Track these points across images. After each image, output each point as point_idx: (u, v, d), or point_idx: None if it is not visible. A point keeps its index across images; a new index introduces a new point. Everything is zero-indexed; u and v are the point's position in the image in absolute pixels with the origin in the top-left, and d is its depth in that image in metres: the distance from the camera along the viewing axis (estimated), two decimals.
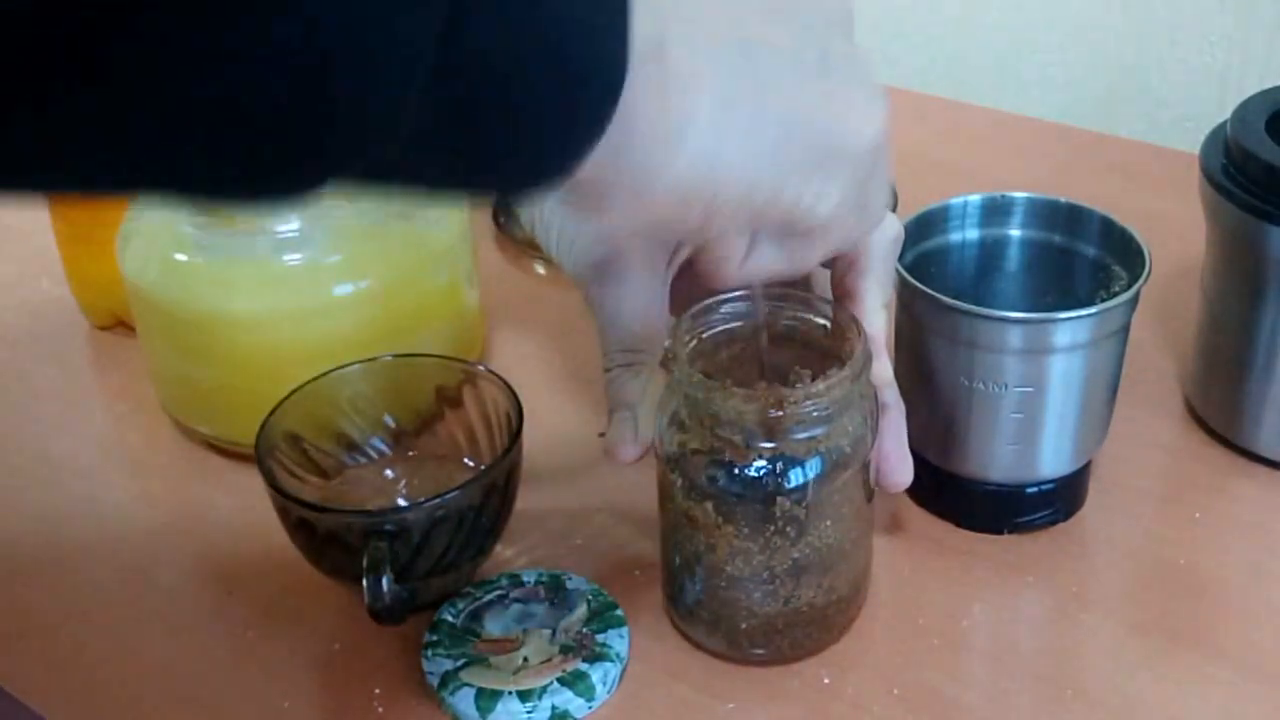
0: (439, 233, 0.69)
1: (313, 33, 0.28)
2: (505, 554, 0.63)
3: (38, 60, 0.26)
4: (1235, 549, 0.62)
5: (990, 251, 0.64)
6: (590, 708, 0.55)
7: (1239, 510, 0.64)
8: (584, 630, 0.57)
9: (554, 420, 0.70)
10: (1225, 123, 0.64)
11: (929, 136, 0.96)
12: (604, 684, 0.55)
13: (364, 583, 0.53)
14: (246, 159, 0.30)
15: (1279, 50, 0.94)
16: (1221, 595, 0.60)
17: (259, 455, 0.58)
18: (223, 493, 0.68)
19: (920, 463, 0.60)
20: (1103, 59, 1.02)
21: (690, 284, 0.58)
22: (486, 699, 0.54)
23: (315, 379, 0.61)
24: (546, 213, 0.58)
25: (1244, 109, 0.64)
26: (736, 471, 0.51)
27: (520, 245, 0.85)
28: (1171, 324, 0.74)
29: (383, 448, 0.64)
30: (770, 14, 0.42)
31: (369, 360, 0.63)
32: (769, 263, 0.47)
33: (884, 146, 0.45)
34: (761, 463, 0.51)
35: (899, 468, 0.55)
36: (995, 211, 0.64)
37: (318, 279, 0.65)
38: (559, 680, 0.55)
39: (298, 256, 0.65)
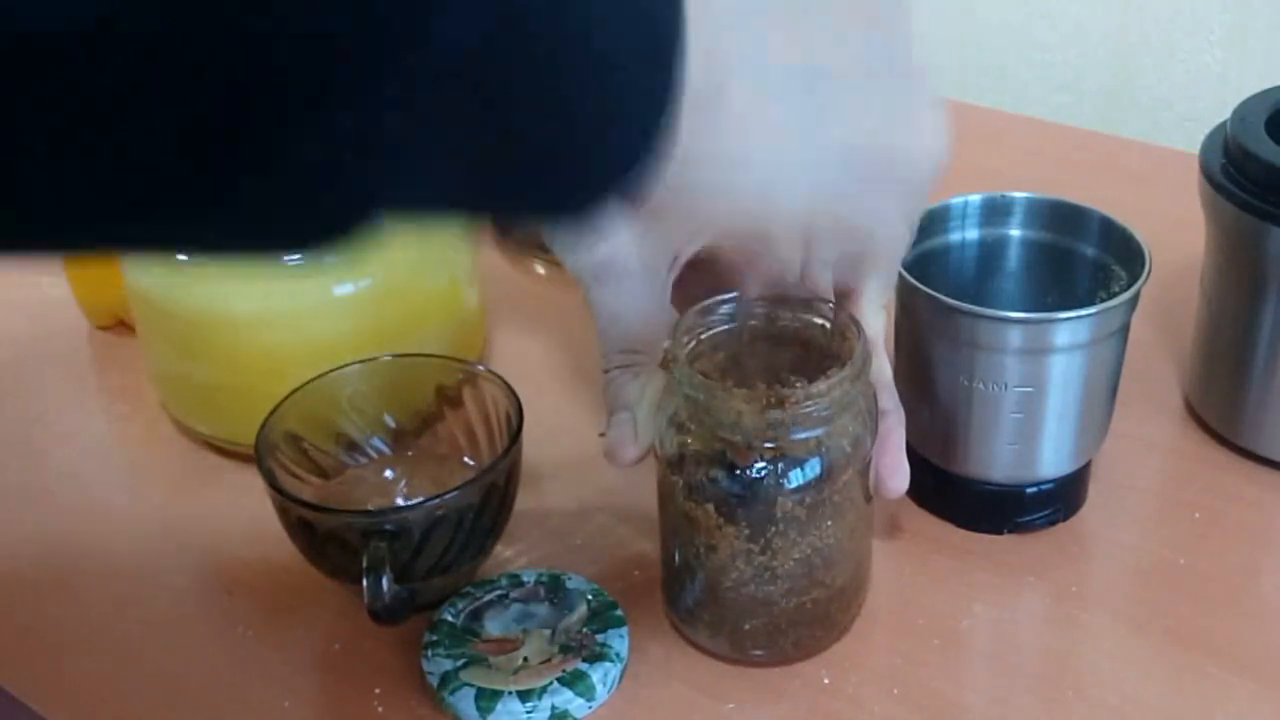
0: (439, 232, 0.69)
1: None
2: (505, 554, 0.63)
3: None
4: (1235, 549, 0.62)
5: (990, 251, 0.64)
6: (590, 708, 0.55)
7: (1239, 510, 0.64)
8: (584, 630, 0.57)
9: (554, 420, 0.70)
10: (1225, 123, 0.64)
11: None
12: (604, 684, 0.55)
13: (364, 583, 0.53)
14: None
15: (1279, 50, 0.94)
16: (1221, 595, 0.59)
17: (259, 455, 0.58)
18: (223, 493, 0.68)
19: (920, 463, 0.60)
20: (1103, 59, 1.02)
21: (692, 284, 0.58)
22: (486, 699, 0.54)
23: (315, 379, 0.61)
24: None
25: (1244, 109, 0.64)
26: (737, 472, 0.51)
27: (520, 245, 0.85)
28: (1171, 324, 0.74)
29: (383, 448, 0.64)
30: (834, 34, 0.42)
31: (369, 360, 0.63)
32: (822, 272, 0.48)
33: (942, 164, 0.45)
34: (761, 463, 0.51)
35: (896, 474, 0.55)
36: (995, 211, 0.64)
37: (318, 279, 0.65)
38: (559, 680, 0.55)
39: (298, 256, 0.65)
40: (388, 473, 0.64)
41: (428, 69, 0.29)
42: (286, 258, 0.34)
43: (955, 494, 0.63)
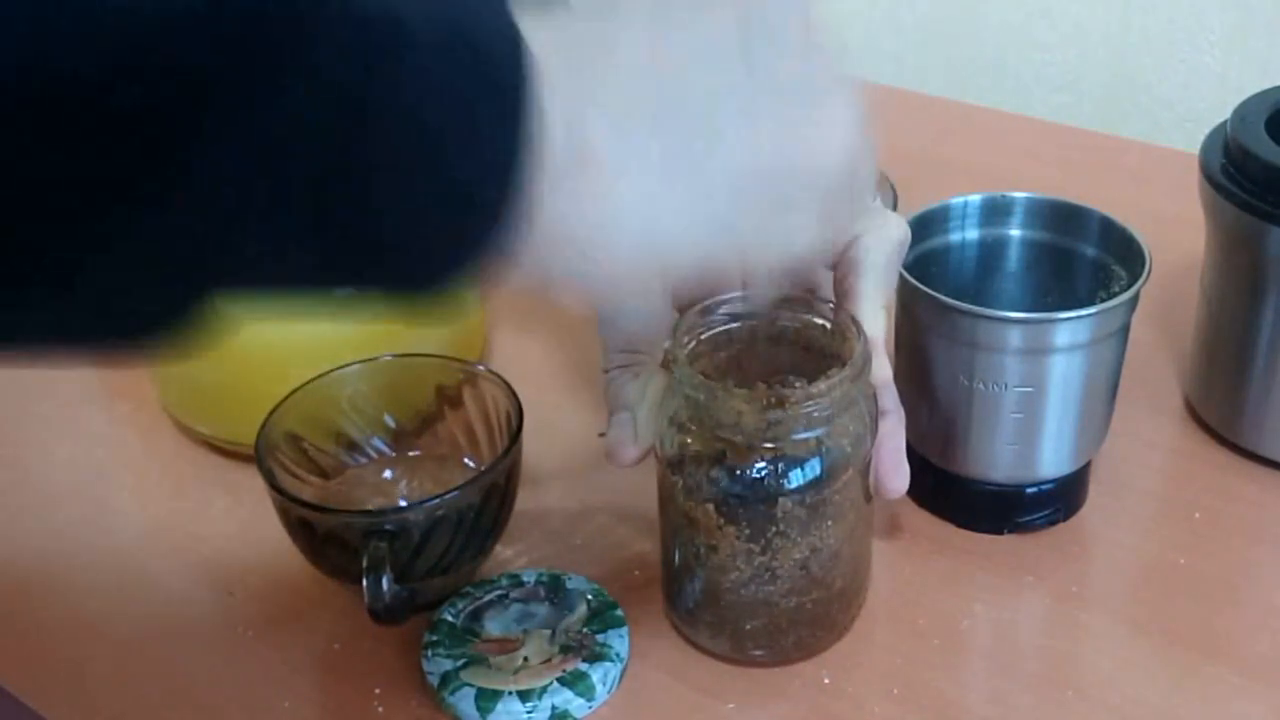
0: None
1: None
2: (505, 554, 0.63)
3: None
4: (1235, 549, 0.62)
5: (990, 251, 0.64)
6: (590, 708, 0.55)
7: (1239, 510, 0.64)
8: (584, 630, 0.57)
9: (554, 420, 0.70)
10: (1225, 123, 0.64)
11: (929, 136, 0.96)
12: (604, 684, 0.55)
13: (364, 583, 0.53)
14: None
15: (1279, 50, 0.94)
16: (1221, 595, 0.59)
17: (259, 455, 0.58)
18: (223, 493, 0.68)
19: (920, 463, 0.60)
20: (1103, 59, 1.02)
21: (693, 283, 0.58)
22: (486, 699, 0.54)
23: (315, 379, 0.61)
24: None
25: (1244, 109, 0.64)
26: (737, 472, 0.51)
27: None
28: (1171, 324, 0.74)
29: (383, 448, 0.64)
30: (704, 45, 0.38)
31: (369, 360, 0.63)
32: (768, 287, 0.46)
33: (857, 154, 0.41)
34: (762, 464, 0.51)
35: (896, 474, 0.55)
36: (995, 211, 0.64)
37: None
38: (559, 680, 0.55)
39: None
40: (388, 473, 0.64)
41: (256, 149, 0.29)
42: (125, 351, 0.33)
43: (955, 494, 0.63)
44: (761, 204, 0.39)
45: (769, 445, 0.51)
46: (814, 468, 0.51)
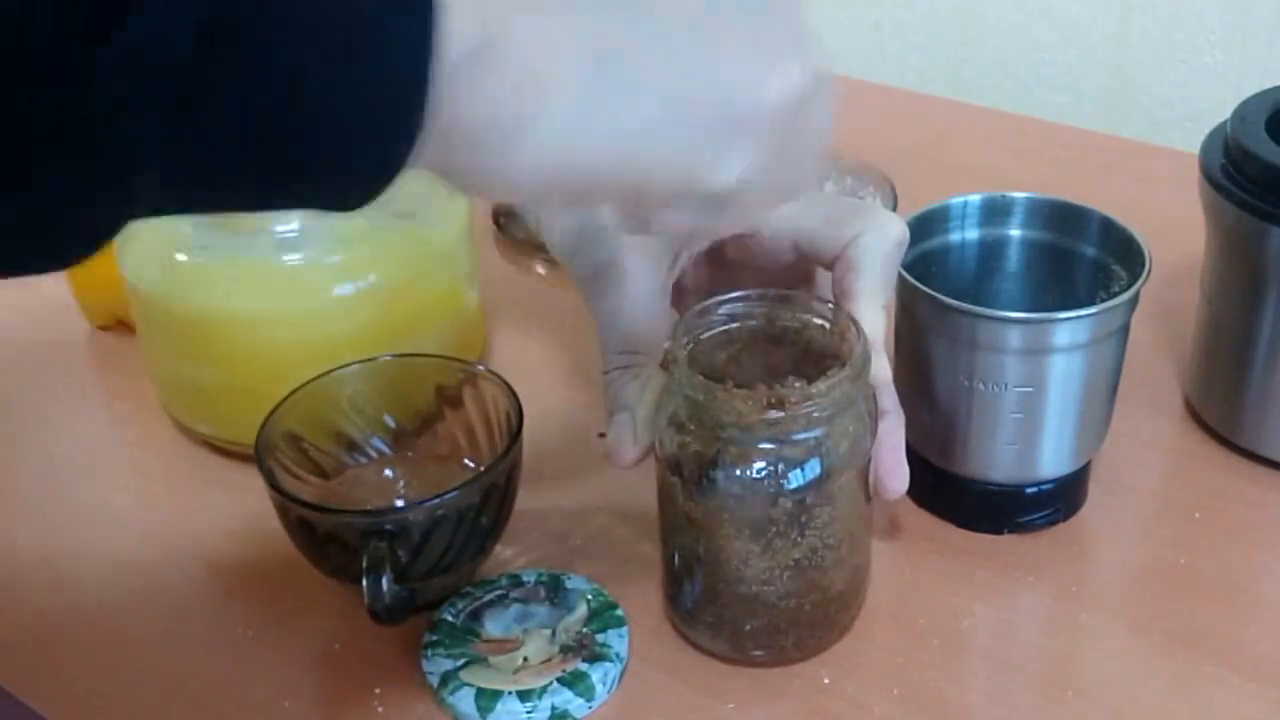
0: (439, 233, 0.69)
1: None
2: (505, 554, 0.63)
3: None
4: (1235, 549, 0.62)
5: (990, 251, 0.64)
6: (590, 708, 0.55)
7: (1239, 510, 0.64)
8: (584, 630, 0.57)
9: (554, 420, 0.70)
10: (1225, 123, 0.64)
11: (929, 136, 0.96)
12: (604, 684, 0.55)
13: (364, 583, 0.53)
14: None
15: (1279, 50, 0.94)
16: (1221, 595, 0.59)
17: (259, 455, 0.58)
18: (223, 493, 0.68)
19: (920, 463, 0.60)
20: (1103, 59, 1.02)
21: (692, 284, 0.58)
22: (486, 699, 0.54)
23: (315, 379, 0.61)
24: (549, 213, 0.58)
25: (1244, 109, 0.64)
26: (737, 473, 0.51)
27: (520, 245, 0.85)
28: (1171, 324, 0.74)
29: (383, 448, 0.64)
30: None
31: (369, 360, 0.63)
32: (675, 222, 0.42)
33: (803, 101, 0.38)
34: (761, 464, 0.51)
35: (895, 474, 0.55)
36: (995, 211, 0.64)
37: (318, 279, 0.65)
38: (559, 680, 0.55)
39: (298, 256, 0.65)
40: (388, 473, 0.64)
41: (145, 67, 0.28)
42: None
43: (955, 494, 0.63)
44: (692, 132, 0.37)
45: (768, 445, 0.51)
46: (813, 468, 0.51)
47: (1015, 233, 0.64)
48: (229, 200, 0.33)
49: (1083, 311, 0.56)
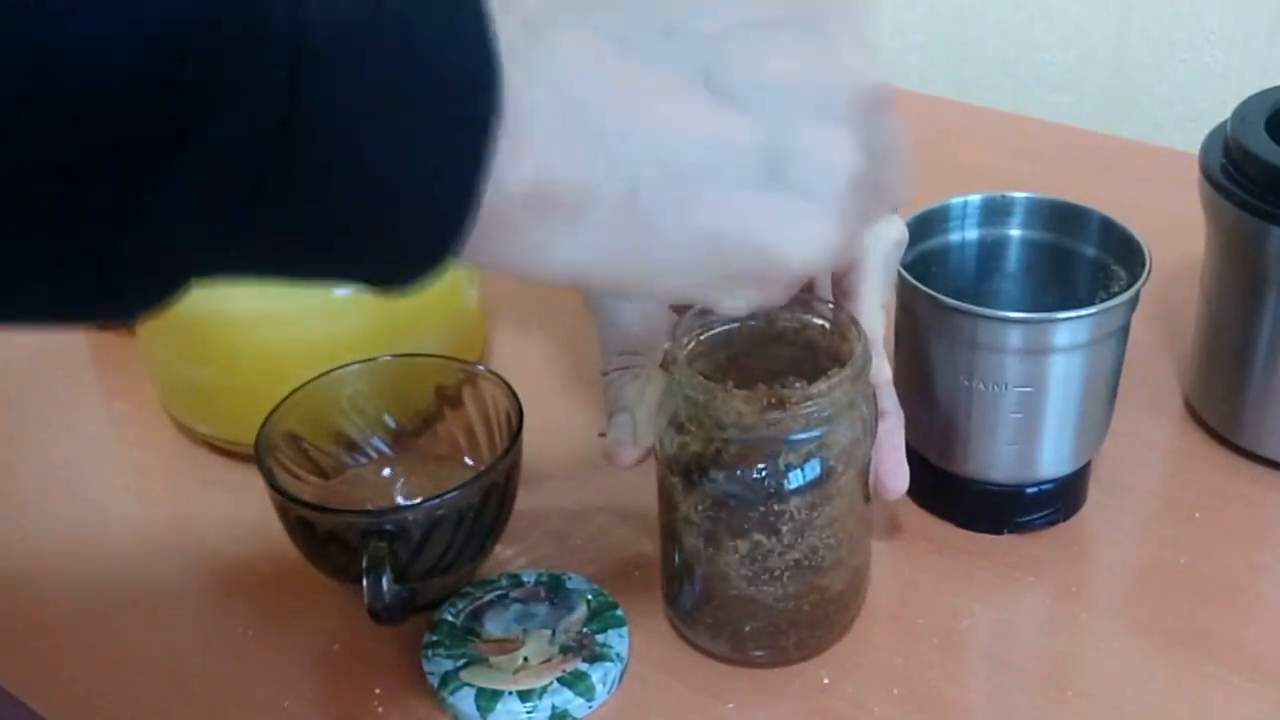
0: None
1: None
2: (505, 554, 0.63)
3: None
4: (1235, 549, 0.62)
5: (990, 251, 0.64)
6: (590, 708, 0.55)
7: (1239, 510, 0.64)
8: (584, 630, 0.57)
9: (554, 420, 0.70)
10: (1225, 123, 0.64)
11: (929, 136, 0.96)
12: (604, 684, 0.55)
13: (364, 583, 0.53)
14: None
15: (1279, 50, 0.94)
16: (1221, 595, 0.60)
17: (259, 455, 0.58)
18: (223, 493, 0.68)
19: (920, 463, 0.60)
20: (1103, 59, 1.02)
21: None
22: (486, 699, 0.54)
23: (315, 379, 0.61)
24: None
25: (1244, 109, 0.64)
26: (736, 473, 0.51)
27: None
28: (1171, 324, 0.74)
29: (383, 448, 0.64)
30: (738, 77, 0.35)
31: (369, 360, 0.63)
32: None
33: (814, 267, 0.38)
34: (761, 464, 0.51)
35: (895, 475, 0.55)
36: (995, 211, 0.64)
37: None
38: (559, 680, 0.55)
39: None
40: (387, 473, 0.64)
41: (213, 172, 0.29)
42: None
43: (955, 494, 0.63)
44: (706, 276, 0.37)
45: (768, 446, 0.51)
46: (813, 468, 0.51)
47: (1015, 233, 0.64)
48: (285, 274, 0.34)
49: (1083, 311, 0.56)
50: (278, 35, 0.28)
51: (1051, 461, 0.60)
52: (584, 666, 0.55)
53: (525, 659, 0.56)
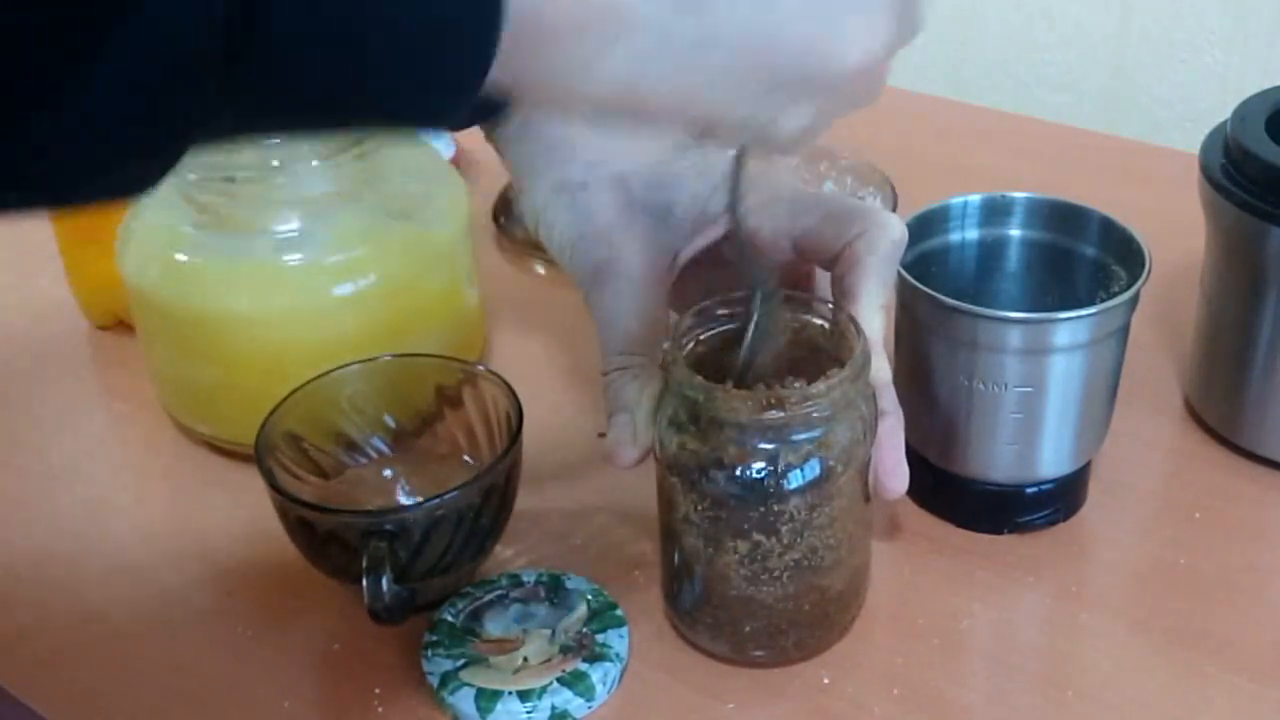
0: (439, 233, 0.69)
1: None
2: (505, 554, 0.63)
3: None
4: (1235, 549, 0.62)
5: (990, 251, 0.64)
6: (590, 708, 0.55)
7: (1239, 510, 0.64)
8: (584, 630, 0.57)
9: (554, 420, 0.70)
10: (1225, 123, 0.64)
11: (929, 136, 0.96)
12: (604, 684, 0.55)
13: (364, 583, 0.53)
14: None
15: (1279, 50, 0.94)
16: (1221, 595, 0.59)
17: (259, 455, 0.58)
18: (223, 493, 0.68)
19: (920, 463, 0.60)
20: (1103, 59, 1.02)
21: (691, 285, 0.58)
22: (486, 699, 0.54)
23: (315, 379, 0.61)
24: (548, 213, 0.58)
25: (1244, 109, 0.64)
26: (736, 473, 0.51)
27: (520, 245, 0.85)
28: (1171, 324, 0.74)
29: (383, 448, 0.64)
30: None
31: (369, 360, 0.63)
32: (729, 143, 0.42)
33: (871, 69, 0.38)
34: (760, 464, 0.51)
35: (895, 475, 0.55)
36: (995, 211, 0.64)
37: (318, 279, 0.65)
38: (559, 680, 0.55)
39: (298, 256, 0.65)
40: (388, 473, 0.64)
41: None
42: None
43: (955, 494, 0.63)
44: (758, 87, 0.36)
45: (768, 446, 0.51)
46: (813, 468, 0.51)
47: (1015, 233, 0.64)
48: (306, 124, 0.33)
49: (1083, 311, 0.56)
50: None
51: (1051, 461, 0.60)
52: (584, 666, 0.55)
53: (525, 659, 0.56)
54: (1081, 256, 0.63)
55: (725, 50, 0.35)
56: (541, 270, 0.84)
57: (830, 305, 0.54)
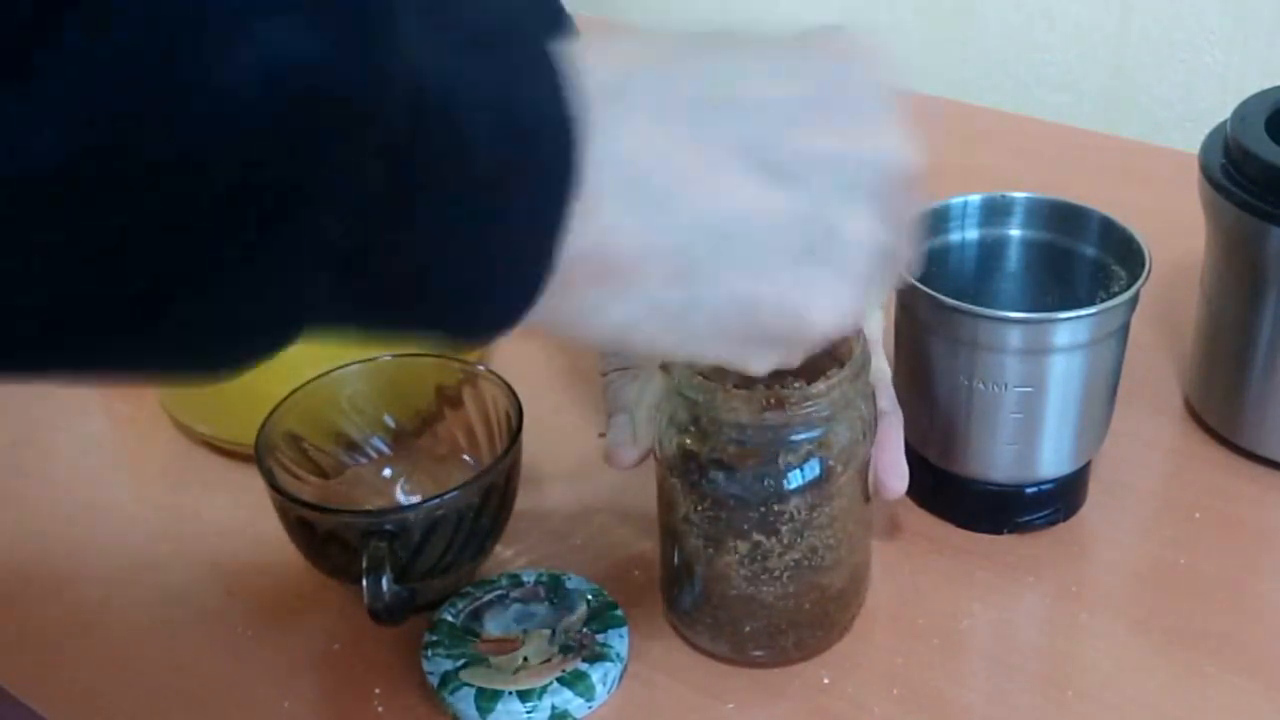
0: None
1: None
2: (505, 554, 0.63)
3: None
4: (1235, 549, 0.62)
5: (990, 251, 0.64)
6: (590, 708, 0.55)
7: (1239, 510, 0.64)
8: (584, 630, 0.57)
9: (554, 420, 0.70)
10: (1225, 122, 0.64)
11: (929, 137, 0.96)
12: (604, 684, 0.55)
13: (364, 583, 0.53)
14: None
15: (1279, 50, 0.94)
16: (1221, 595, 0.59)
17: (259, 455, 0.58)
18: (223, 493, 0.68)
19: (920, 463, 0.60)
20: (1103, 59, 1.02)
21: None
22: (486, 699, 0.54)
23: (315, 379, 0.61)
24: None
25: (1244, 109, 0.64)
26: (736, 473, 0.51)
27: None
28: (1171, 324, 0.74)
29: (383, 448, 0.64)
30: (787, 153, 0.37)
31: (369, 360, 0.63)
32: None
33: (842, 331, 0.40)
34: (761, 464, 0.51)
35: (894, 475, 0.55)
36: (995, 211, 0.64)
37: None
38: (559, 680, 0.55)
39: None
40: (387, 473, 0.64)
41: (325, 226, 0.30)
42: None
43: (955, 494, 0.63)
44: (736, 341, 0.39)
45: (768, 446, 0.51)
46: (813, 468, 0.51)
47: (1015, 233, 0.64)
48: (367, 329, 0.36)
49: (1083, 311, 0.56)
50: (394, 107, 0.29)
51: (1051, 461, 0.60)
52: (584, 666, 0.55)
53: (525, 659, 0.56)
54: (1081, 256, 0.63)
55: (708, 314, 0.37)
56: None
57: None
